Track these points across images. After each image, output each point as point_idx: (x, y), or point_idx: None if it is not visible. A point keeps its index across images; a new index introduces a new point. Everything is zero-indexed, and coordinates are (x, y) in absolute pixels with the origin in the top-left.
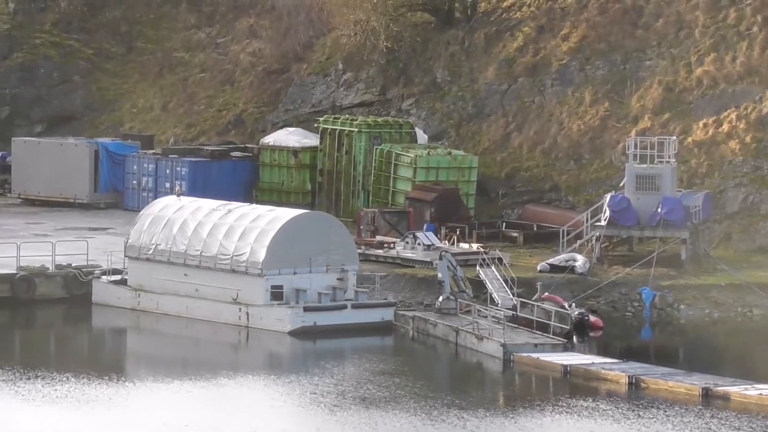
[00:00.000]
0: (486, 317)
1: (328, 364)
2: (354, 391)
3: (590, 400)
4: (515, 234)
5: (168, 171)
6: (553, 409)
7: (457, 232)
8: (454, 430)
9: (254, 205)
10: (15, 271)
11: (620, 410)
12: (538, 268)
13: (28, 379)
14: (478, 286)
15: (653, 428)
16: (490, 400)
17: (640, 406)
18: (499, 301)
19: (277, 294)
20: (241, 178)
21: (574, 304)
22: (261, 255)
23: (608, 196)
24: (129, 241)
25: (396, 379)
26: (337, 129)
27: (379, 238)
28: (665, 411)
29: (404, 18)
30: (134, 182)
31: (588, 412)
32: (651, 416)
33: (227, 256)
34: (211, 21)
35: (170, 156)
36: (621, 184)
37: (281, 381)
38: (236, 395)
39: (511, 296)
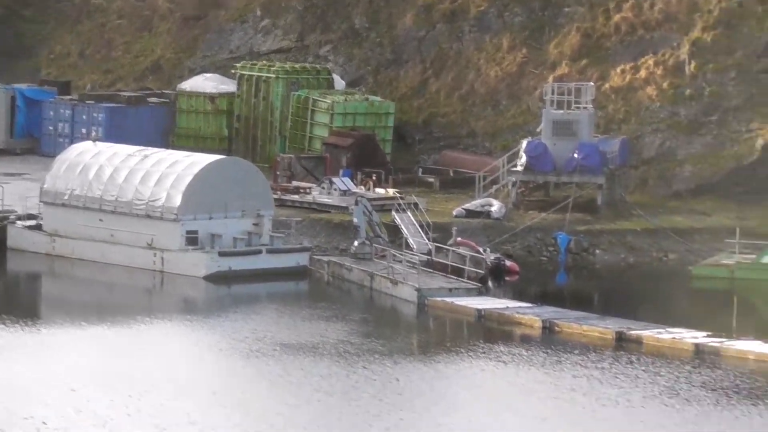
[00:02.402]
0: (401, 262)
1: (243, 309)
2: (271, 337)
3: (505, 344)
4: (431, 179)
5: (84, 117)
6: (469, 354)
7: (373, 178)
8: (372, 375)
9: (171, 151)
10: None
11: (535, 355)
12: (454, 213)
13: None
14: (394, 231)
15: (569, 373)
16: (406, 346)
17: (555, 350)
18: (415, 246)
19: (192, 239)
20: (157, 124)
21: (489, 249)
22: (177, 200)
23: (525, 142)
24: (44, 186)
25: (312, 324)
26: (254, 75)
27: (295, 183)
28: (580, 355)
29: None
30: (51, 128)
31: (504, 357)
32: (566, 360)
33: (143, 202)
34: None
35: (87, 102)
36: (538, 130)
37: (196, 326)
38: (151, 340)
39: (427, 241)
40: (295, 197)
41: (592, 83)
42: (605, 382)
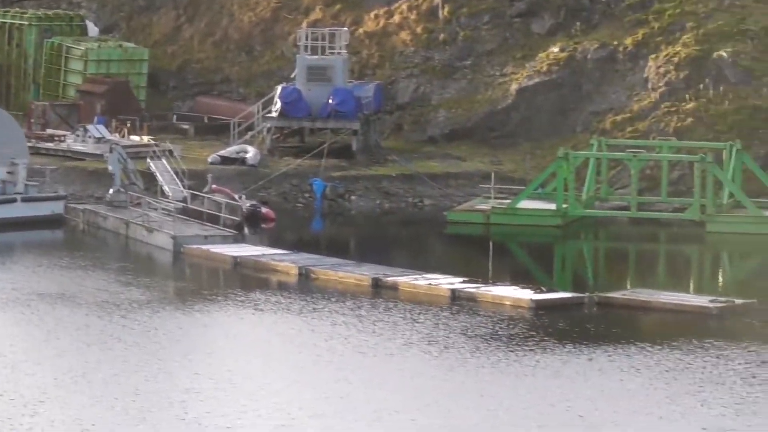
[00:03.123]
0: (156, 210)
1: None
2: (28, 287)
3: (262, 292)
4: (186, 126)
5: None
6: (226, 302)
7: (128, 125)
8: (131, 324)
9: None
10: None
11: (293, 302)
12: (209, 160)
13: None
14: (149, 178)
15: (327, 321)
16: (163, 294)
17: (312, 297)
18: (170, 194)
19: None
20: None
21: (245, 196)
22: None
23: (279, 88)
24: None
25: (69, 273)
26: (6, 23)
27: (49, 131)
28: (337, 302)
29: None
30: None
31: (261, 305)
32: (323, 308)
33: None
34: None
35: None
36: (292, 76)
37: None
38: None
39: (182, 188)
40: (50, 145)
41: (346, 28)
42: (364, 329)
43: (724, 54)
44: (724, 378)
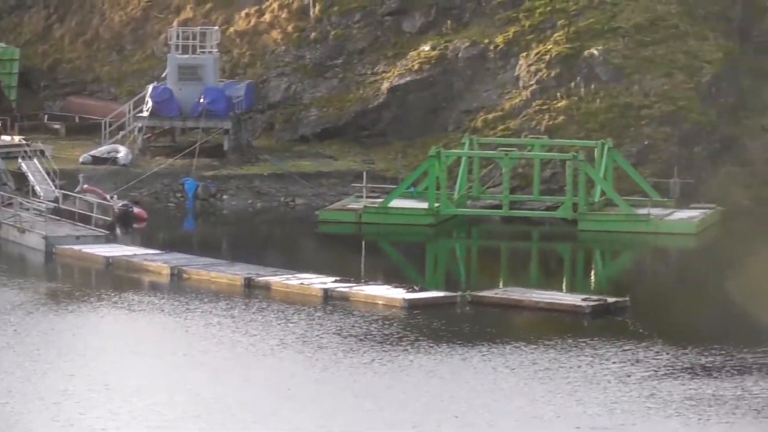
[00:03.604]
0: (28, 210)
1: None
2: None
3: (135, 292)
4: (57, 126)
5: None
6: (99, 303)
7: None
8: (3, 326)
9: None
10: None
11: (166, 302)
12: (81, 160)
13: None
14: (21, 178)
15: (200, 321)
16: (36, 295)
17: (185, 297)
18: (42, 194)
19: None
20: None
21: (116, 196)
22: None
23: (150, 87)
24: None
25: None
26: None
27: None
28: (210, 303)
29: None
30: None
31: (134, 306)
32: (197, 308)
33: None
34: None
35: None
36: (163, 75)
37: None
38: None
39: (54, 189)
40: None
41: (217, 27)
42: (237, 330)
43: (595, 52)
44: (599, 377)
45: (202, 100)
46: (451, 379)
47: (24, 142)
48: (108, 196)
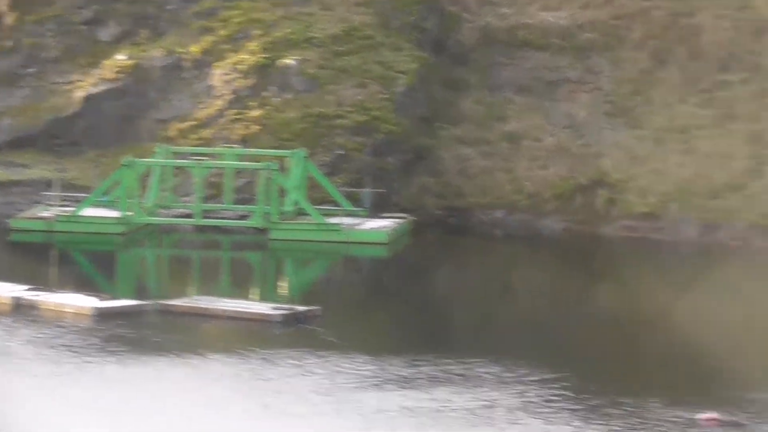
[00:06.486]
0: None
1: None
2: None
3: None
4: None
5: None
6: None
7: None
8: None
9: None
10: None
11: None
12: None
13: None
14: None
15: None
16: None
17: None
18: None
19: None
20: None
21: None
22: None
23: None
24: None
25: None
26: None
27: None
28: None
29: None
30: None
31: None
32: None
33: None
34: None
35: None
36: None
37: None
38: None
39: None
40: None
41: None
42: None
43: (290, 62)
44: (296, 387)
45: None
46: (140, 388)
47: None
48: None
